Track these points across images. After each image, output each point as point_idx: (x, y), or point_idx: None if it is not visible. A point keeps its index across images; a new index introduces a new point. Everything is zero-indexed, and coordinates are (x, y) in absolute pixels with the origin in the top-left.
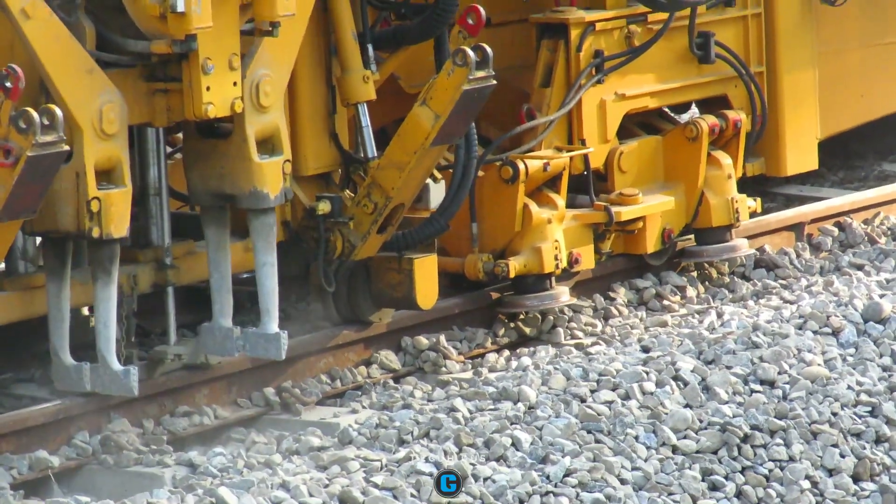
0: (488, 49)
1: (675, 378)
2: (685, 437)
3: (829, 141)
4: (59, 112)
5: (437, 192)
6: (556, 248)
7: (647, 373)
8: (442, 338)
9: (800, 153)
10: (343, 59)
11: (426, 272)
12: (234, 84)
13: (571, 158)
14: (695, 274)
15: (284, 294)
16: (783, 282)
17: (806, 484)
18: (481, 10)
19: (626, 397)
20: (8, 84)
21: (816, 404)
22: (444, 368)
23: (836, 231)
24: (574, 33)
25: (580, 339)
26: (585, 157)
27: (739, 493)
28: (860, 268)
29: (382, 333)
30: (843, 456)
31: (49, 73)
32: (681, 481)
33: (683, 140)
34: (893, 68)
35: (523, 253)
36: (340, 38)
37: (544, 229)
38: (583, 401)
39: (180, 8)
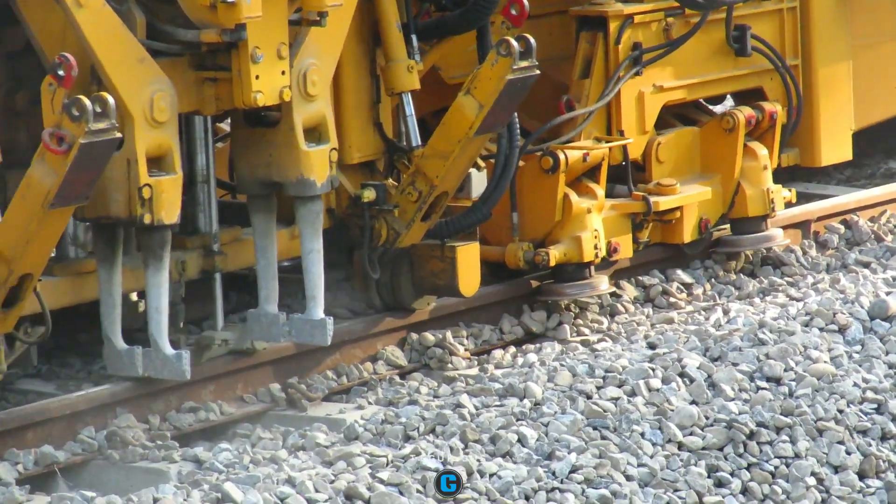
0: (532, 39)
1: (682, 375)
2: (691, 434)
3: None
4: (111, 100)
5: (479, 182)
6: (596, 238)
7: (654, 369)
8: (448, 334)
9: (834, 144)
10: (388, 50)
11: (469, 260)
12: (283, 73)
13: (611, 149)
14: (701, 271)
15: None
16: (789, 279)
17: (812, 481)
18: (525, 1)
19: (632, 394)
20: (61, 72)
21: (822, 401)
22: (450, 365)
23: (842, 229)
24: (613, 26)
25: (586, 335)
26: (624, 147)
27: (745, 490)
28: (866, 265)
29: (389, 330)
30: (848, 453)
31: (101, 62)
32: (686, 478)
33: (720, 131)
34: None
35: (563, 242)
36: (385, 29)
37: (584, 219)
38: (589, 397)
39: None
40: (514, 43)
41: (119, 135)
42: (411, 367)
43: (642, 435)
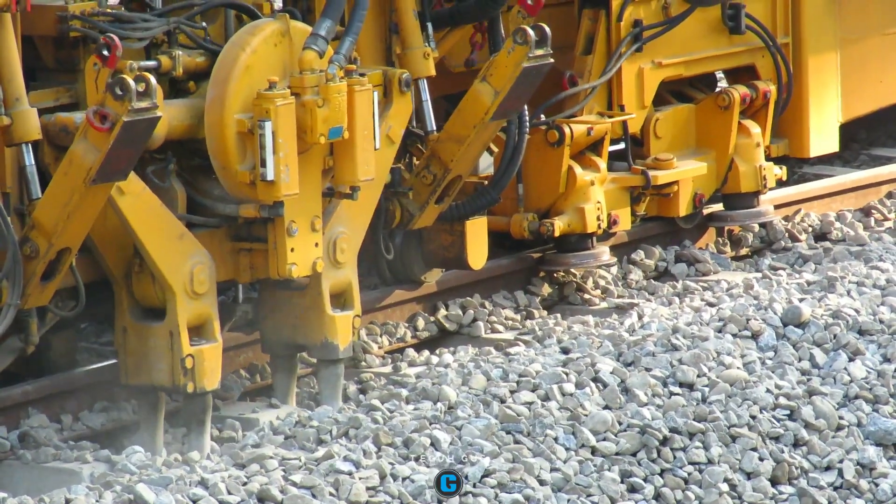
0: (547, 28)
1: (595, 380)
2: (604, 439)
3: None
4: (153, 79)
5: (484, 161)
6: (599, 209)
7: (567, 374)
8: (362, 332)
9: (822, 136)
10: (404, 37)
11: (477, 233)
12: (316, 245)
13: (612, 123)
14: (614, 270)
15: None
16: (704, 283)
17: (724, 487)
18: None
19: (546, 398)
20: (105, 52)
21: (735, 407)
22: (363, 363)
23: (756, 227)
24: (615, 3)
25: (500, 333)
26: (624, 122)
27: (658, 496)
28: (780, 271)
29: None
30: (761, 459)
31: (143, 242)
32: (600, 483)
33: (715, 108)
34: None
35: (567, 213)
36: (402, 17)
37: (587, 191)
38: (503, 401)
39: (270, 176)
40: (531, 31)
41: (160, 114)
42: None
43: (556, 440)
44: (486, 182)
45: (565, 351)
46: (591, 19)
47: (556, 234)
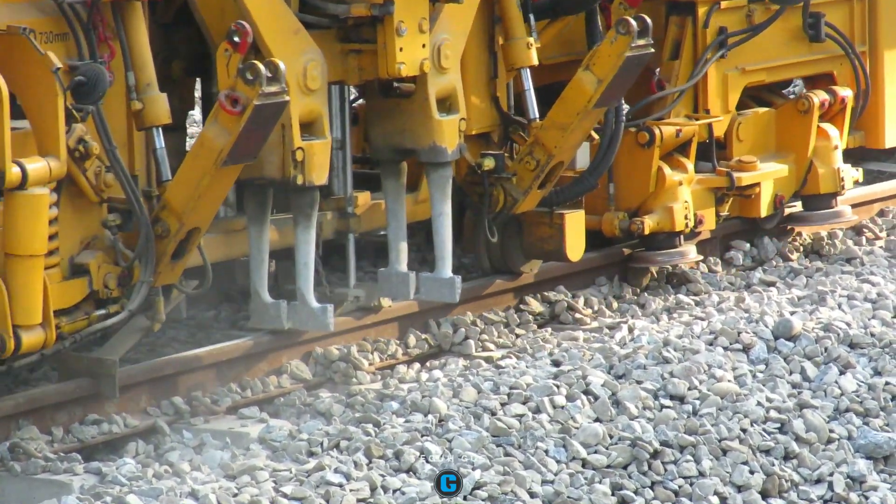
0: (648, 19)
1: (586, 392)
2: (595, 452)
3: None
4: (282, 65)
5: (582, 154)
6: (686, 209)
7: (558, 386)
8: (353, 349)
9: None
10: (508, 28)
11: (575, 226)
12: (423, 46)
13: (699, 126)
14: (605, 288)
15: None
16: (695, 298)
17: (715, 500)
18: None
19: (537, 411)
20: (236, 38)
21: (726, 420)
22: (354, 379)
23: (747, 246)
24: (701, 11)
25: (491, 351)
26: (710, 125)
27: None
28: (771, 285)
29: (293, 344)
30: (752, 472)
31: (261, 33)
32: (591, 496)
33: (795, 113)
34: None
35: (656, 212)
36: (506, 8)
37: (676, 191)
38: (493, 414)
39: None
40: (633, 22)
41: (288, 98)
42: (316, 381)
43: (547, 452)
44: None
45: (556, 364)
46: (677, 25)
47: (646, 231)
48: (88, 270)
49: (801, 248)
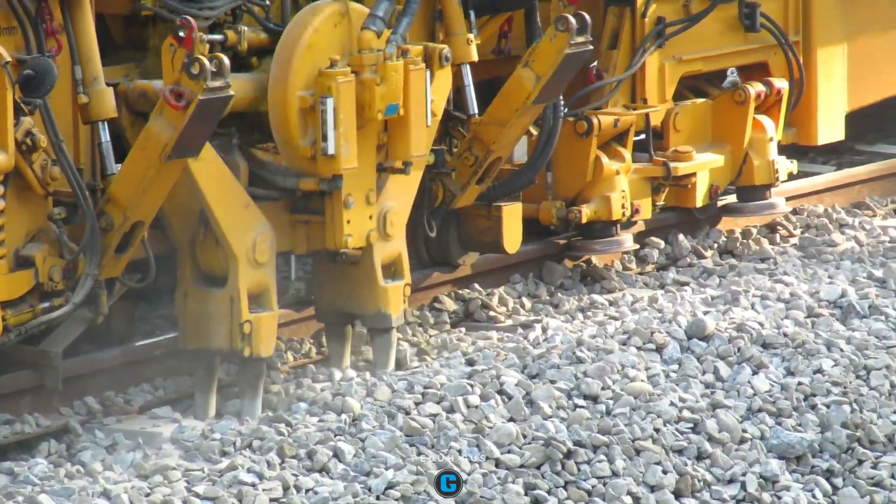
0: (587, 17)
1: (500, 392)
2: (509, 452)
3: None
4: (226, 60)
5: (520, 148)
6: (623, 198)
7: (472, 386)
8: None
9: (830, 124)
10: (448, 24)
11: (513, 219)
12: (370, 217)
13: (637, 115)
14: (520, 286)
15: None
16: (609, 297)
17: (628, 500)
18: None
19: (451, 410)
20: (181, 33)
21: (639, 420)
22: (268, 378)
23: (661, 243)
24: (640, 1)
25: (403, 348)
26: (647, 115)
27: None
28: (685, 285)
29: None
30: (665, 472)
31: (212, 208)
32: (504, 496)
33: (732, 104)
34: None
35: (594, 201)
36: (446, 5)
37: (613, 180)
38: (407, 413)
39: (331, 151)
40: (572, 19)
41: (233, 93)
42: (230, 380)
43: (460, 452)
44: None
45: (470, 363)
46: (616, 16)
47: (584, 220)
48: (34, 263)
49: (716, 246)
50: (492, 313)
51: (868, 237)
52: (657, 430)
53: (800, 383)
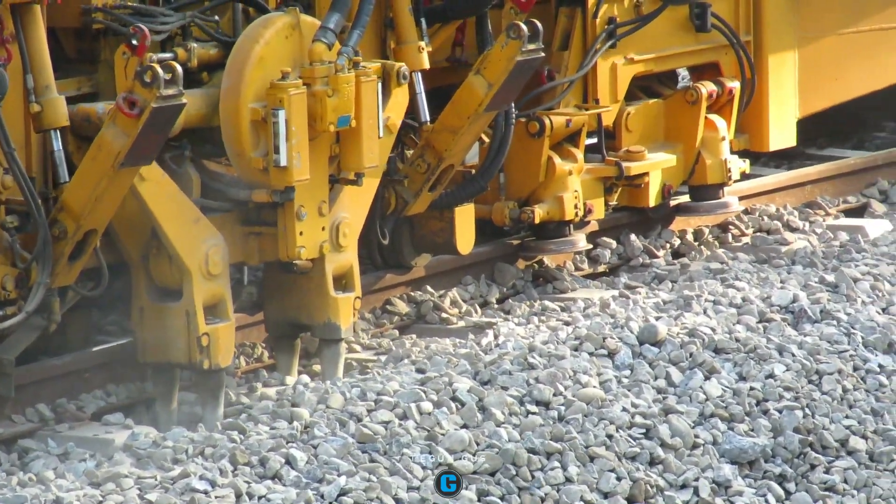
0: (539, 24)
1: (454, 399)
2: (461, 458)
3: None
4: (179, 68)
5: (471, 152)
6: (576, 198)
7: (425, 392)
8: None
9: (781, 130)
10: (400, 32)
11: (465, 220)
12: (323, 229)
13: (589, 116)
14: (472, 287)
15: None
16: (561, 303)
17: None
18: None
19: (404, 417)
20: (134, 42)
21: (592, 426)
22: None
23: (613, 243)
24: (591, 1)
25: (358, 353)
26: (599, 115)
27: None
28: (637, 290)
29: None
30: (618, 479)
31: (161, 226)
32: (457, 502)
33: (684, 103)
34: (864, 54)
35: (546, 201)
36: (398, 13)
37: (566, 180)
38: (359, 420)
39: (283, 163)
40: (523, 27)
41: (186, 101)
42: (183, 385)
43: (412, 458)
44: (472, 172)
45: (420, 370)
46: (567, 17)
47: (537, 220)
48: None
49: (668, 246)
50: (444, 315)
51: (820, 240)
52: (610, 437)
53: (752, 388)
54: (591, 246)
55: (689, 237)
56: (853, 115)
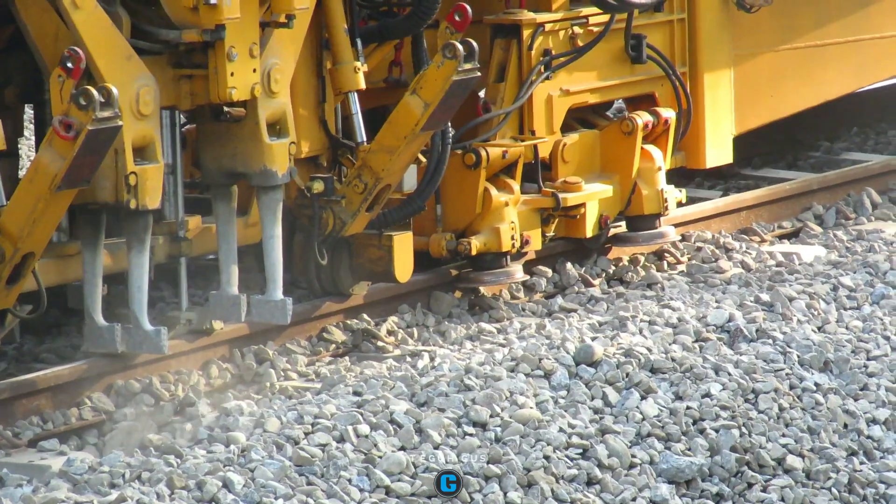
0: (475, 44)
1: (391, 421)
2: (399, 480)
3: None
4: (115, 90)
5: (409, 176)
6: (513, 229)
7: (363, 415)
8: (155, 379)
9: (717, 148)
10: (336, 52)
11: (404, 248)
12: (254, 71)
13: (525, 147)
14: (409, 316)
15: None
16: (497, 325)
17: None
18: (468, 8)
19: (341, 440)
20: (70, 65)
21: (529, 448)
22: (157, 408)
23: (549, 272)
24: (526, 33)
25: (294, 380)
26: (535, 146)
27: None
28: (573, 311)
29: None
30: (557, 500)
31: (94, 59)
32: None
33: (619, 134)
34: (800, 71)
35: (483, 233)
36: (333, 33)
37: (502, 211)
38: (296, 443)
39: (213, 0)
40: (460, 46)
41: (121, 123)
42: (119, 412)
43: (350, 481)
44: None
45: (357, 393)
46: (502, 49)
47: (473, 252)
48: None
49: (604, 274)
50: (380, 343)
51: (755, 261)
52: (547, 458)
53: (688, 408)
54: (527, 276)
55: (625, 263)
56: (788, 134)
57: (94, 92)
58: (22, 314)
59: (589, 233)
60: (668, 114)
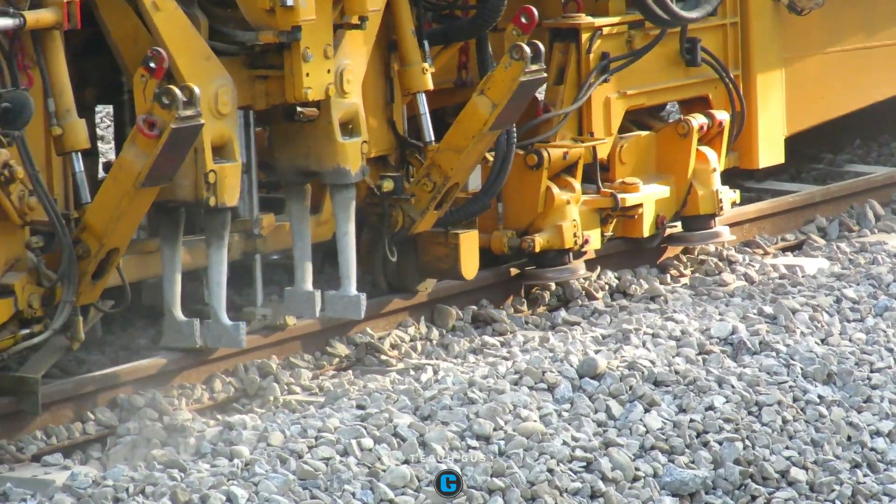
0: (541, 45)
1: (395, 434)
2: (403, 494)
3: None
4: (197, 90)
5: (474, 176)
6: (575, 227)
7: (366, 428)
8: (157, 394)
9: (769, 148)
10: (404, 54)
11: (470, 246)
12: (328, 71)
13: (585, 148)
14: (412, 329)
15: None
16: (500, 338)
17: None
18: (534, 10)
19: (345, 454)
20: (153, 65)
21: (532, 461)
22: (167, 418)
23: (553, 286)
24: (584, 37)
25: (297, 394)
26: (594, 147)
27: None
28: (576, 324)
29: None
30: None
31: (174, 59)
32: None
33: (675, 136)
34: (848, 73)
35: (546, 230)
36: (401, 35)
37: (564, 210)
38: (300, 457)
39: (289, 2)
40: (526, 48)
41: (203, 121)
42: (122, 426)
43: (353, 495)
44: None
45: (361, 407)
46: (561, 52)
47: (537, 249)
48: (13, 291)
49: (607, 287)
50: (384, 357)
51: (759, 273)
52: (551, 471)
53: (692, 420)
54: (590, 274)
55: (629, 276)
56: (791, 147)
57: (177, 91)
58: (105, 308)
59: (646, 232)
60: (722, 116)
